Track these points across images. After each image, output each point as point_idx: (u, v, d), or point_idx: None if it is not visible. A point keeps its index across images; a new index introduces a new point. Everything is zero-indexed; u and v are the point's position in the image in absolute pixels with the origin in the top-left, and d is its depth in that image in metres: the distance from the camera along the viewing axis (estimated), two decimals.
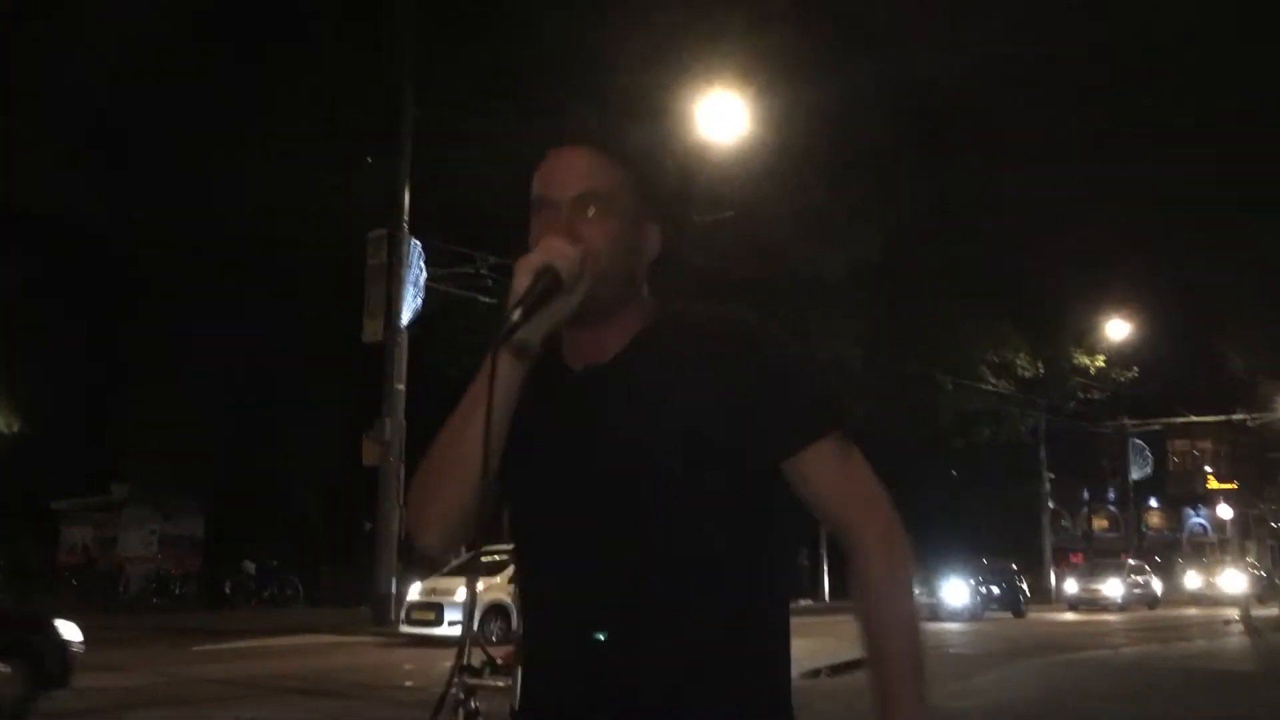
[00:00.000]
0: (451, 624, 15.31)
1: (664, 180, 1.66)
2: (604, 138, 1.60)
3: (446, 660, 1.71)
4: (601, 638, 1.45)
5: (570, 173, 1.57)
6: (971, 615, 25.58)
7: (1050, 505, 39.89)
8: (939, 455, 35.93)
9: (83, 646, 8.95)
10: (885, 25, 22.96)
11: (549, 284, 1.46)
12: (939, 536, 31.22)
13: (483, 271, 19.61)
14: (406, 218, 18.99)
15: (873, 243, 24.85)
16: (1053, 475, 39.05)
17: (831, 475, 1.52)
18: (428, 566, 16.79)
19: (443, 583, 16.07)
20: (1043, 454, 37.95)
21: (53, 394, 26.99)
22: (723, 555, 1.49)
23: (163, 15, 19.74)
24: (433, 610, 15.61)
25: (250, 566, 26.92)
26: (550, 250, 1.49)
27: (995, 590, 27.93)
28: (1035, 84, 24.38)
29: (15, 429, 29.32)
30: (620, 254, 1.55)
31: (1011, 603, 28.13)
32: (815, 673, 13.33)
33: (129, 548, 27.14)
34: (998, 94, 23.91)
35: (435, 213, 19.15)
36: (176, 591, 26.34)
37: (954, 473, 38.55)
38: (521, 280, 1.46)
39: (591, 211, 1.54)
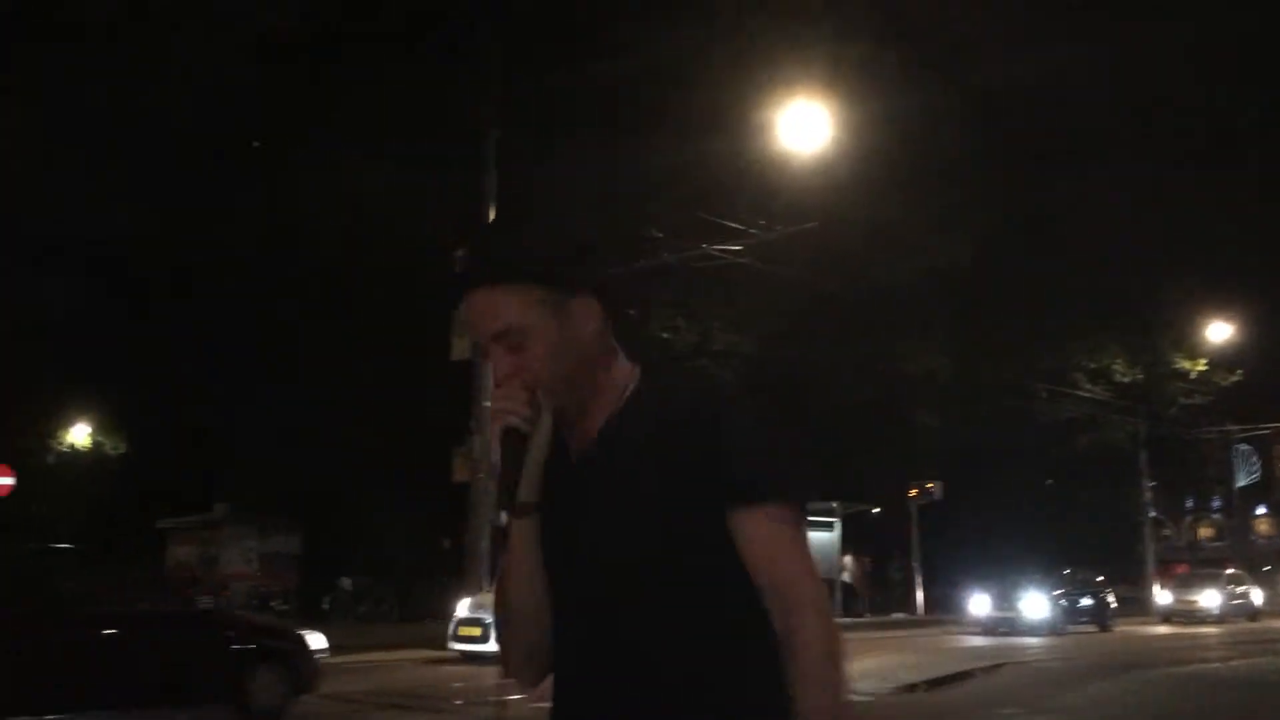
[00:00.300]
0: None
1: (569, 250, 1.67)
2: (491, 273, 1.62)
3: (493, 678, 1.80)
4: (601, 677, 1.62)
5: (480, 316, 1.63)
6: (1052, 629, 24.58)
7: (1151, 514, 38.78)
8: (1034, 465, 35.24)
9: (327, 654, 10.10)
10: (968, 34, 22.65)
11: (515, 443, 1.58)
12: (1030, 546, 30.61)
13: None
14: None
15: (958, 251, 24.50)
16: (1153, 483, 37.97)
17: (762, 543, 1.56)
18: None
19: (490, 599, 16.05)
20: (1143, 461, 36.92)
21: (157, 418, 27.86)
22: (707, 609, 1.59)
23: (242, 37, 20.29)
24: (479, 626, 15.46)
25: (347, 583, 27.42)
26: (500, 412, 1.60)
27: (1081, 602, 26.81)
28: (1122, 89, 23.84)
29: (121, 451, 30.31)
30: (560, 360, 1.61)
31: (1097, 615, 26.96)
32: (912, 687, 13.15)
33: (230, 565, 27.80)
34: (1085, 100, 23.40)
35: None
36: (276, 607, 26.92)
37: (1049, 482, 37.76)
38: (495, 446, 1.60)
39: (515, 344, 1.61)
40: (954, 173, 23.14)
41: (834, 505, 29.04)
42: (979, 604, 26.24)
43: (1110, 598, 27.67)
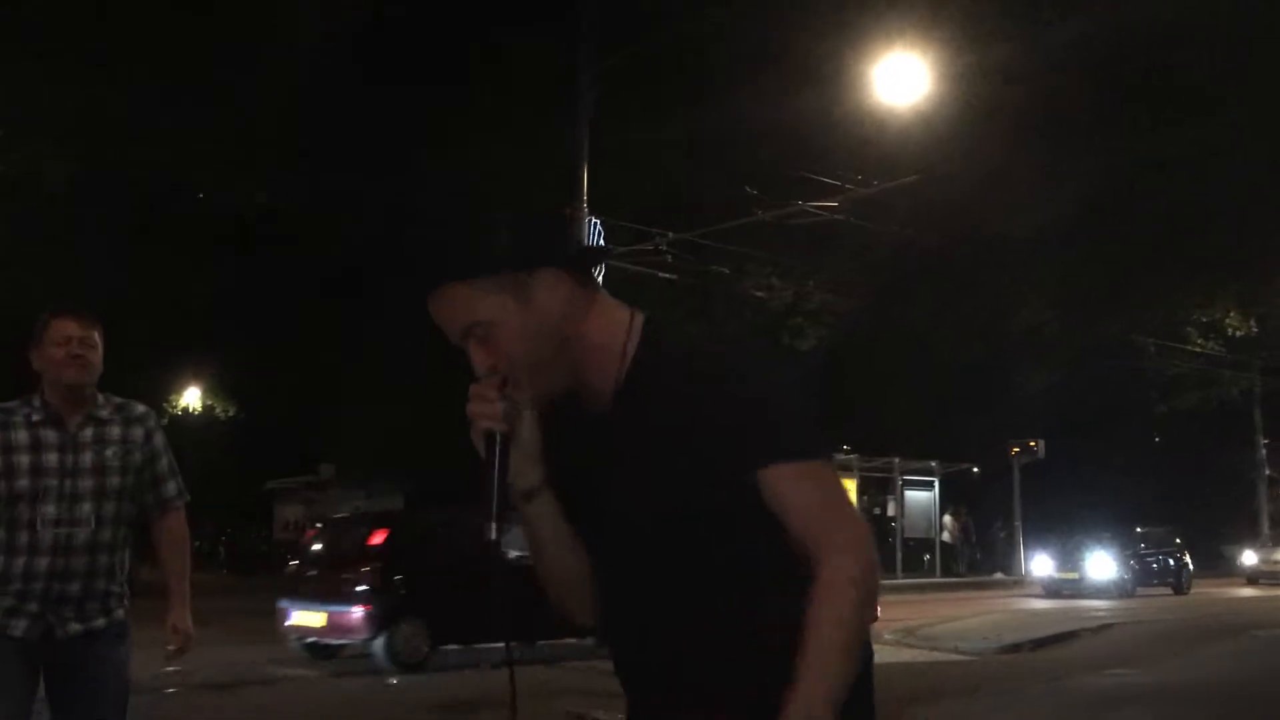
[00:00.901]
0: None
1: (518, 232, 1.66)
2: (443, 272, 1.62)
3: None
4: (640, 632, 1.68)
5: (445, 319, 1.64)
6: (1121, 591, 23.18)
7: (1267, 472, 37.50)
8: (1141, 423, 34.32)
9: None
10: None
11: (499, 445, 1.60)
12: (1136, 506, 29.82)
13: (662, 248, 19.71)
14: (585, 197, 19.25)
15: (1065, 204, 23.81)
16: (1267, 440, 36.67)
17: (793, 495, 1.56)
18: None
19: None
20: (1258, 417, 35.67)
21: (265, 382, 28.63)
22: (730, 562, 1.61)
23: (338, 12, 20.54)
24: None
25: None
26: (476, 418, 1.61)
27: (1154, 563, 25.03)
28: (1239, 33, 22.78)
29: (231, 414, 31.24)
30: (532, 341, 1.61)
31: (1172, 577, 25.14)
32: (1016, 647, 12.98)
33: None
34: (1200, 47, 22.41)
35: (614, 190, 19.33)
36: None
37: (1157, 440, 36.75)
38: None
39: (482, 336, 1.61)
40: (1062, 122, 22.42)
41: (933, 464, 28.70)
42: (1041, 564, 25.17)
43: (1187, 558, 25.77)
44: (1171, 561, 25.39)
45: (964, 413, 29.67)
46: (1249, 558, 28.91)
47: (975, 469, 30.66)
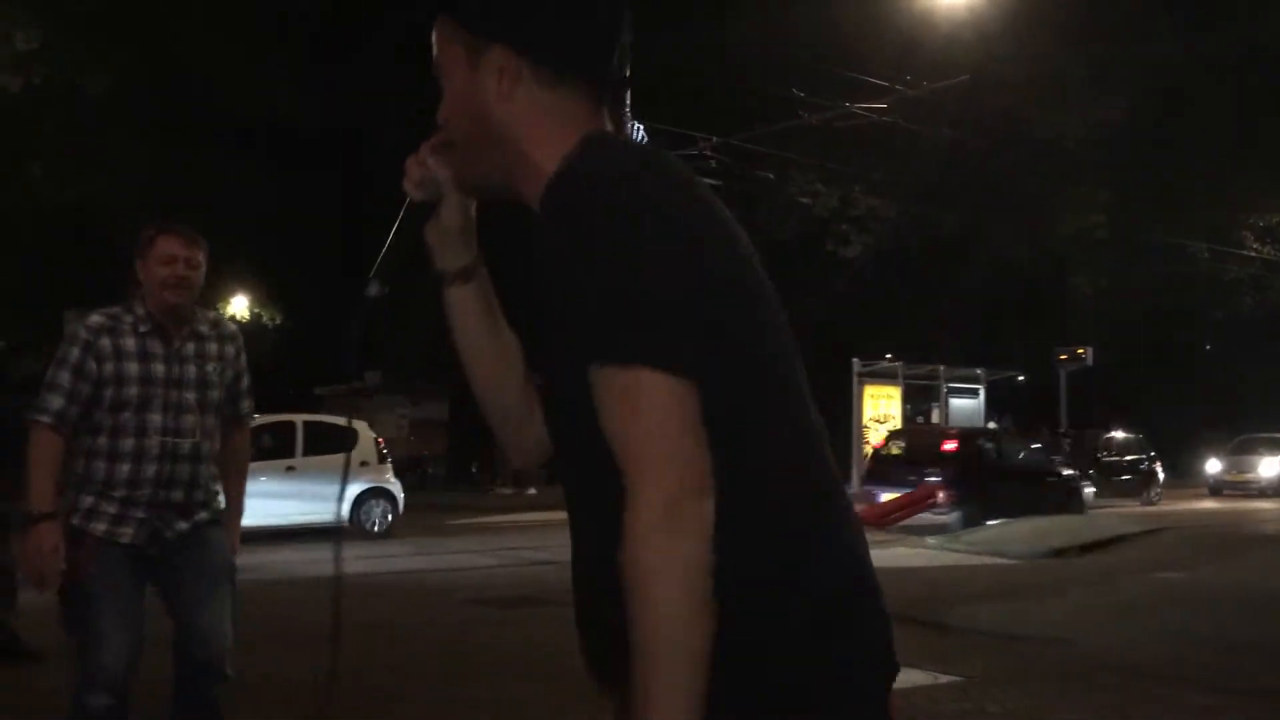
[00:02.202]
0: None
1: None
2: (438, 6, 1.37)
3: None
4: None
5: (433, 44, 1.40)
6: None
7: None
8: (1194, 329, 33.83)
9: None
10: None
11: (405, 211, 1.43)
12: (1188, 412, 29.51)
13: (705, 152, 19.47)
14: (628, 102, 18.98)
15: (1117, 105, 23.19)
16: None
17: (604, 415, 1.17)
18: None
19: None
20: None
21: (311, 290, 28.87)
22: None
23: None
24: None
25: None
26: (405, 177, 1.43)
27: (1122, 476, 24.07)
28: None
29: (279, 321, 31.56)
30: (460, 119, 1.36)
31: (1140, 488, 24.10)
32: (1061, 551, 13.00)
33: (382, 431, 28.94)
34: None
35: (656, 93, 19.06)
36: (429, 472, 28.03)
37: (1208, 347, 36.24)
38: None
39: (441, 84, 1.38)
40: (1115, 21, 21.72)
41: (978, 372, 28.50)
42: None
43: (1159, 468, 24.67)
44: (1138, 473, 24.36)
45: (1011, 320, 29.34)
46: (1213, 466, 27.06)
47: (1021, 377, 30.42)
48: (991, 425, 29.32)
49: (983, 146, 22.26)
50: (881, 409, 26.19)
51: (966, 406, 29.02)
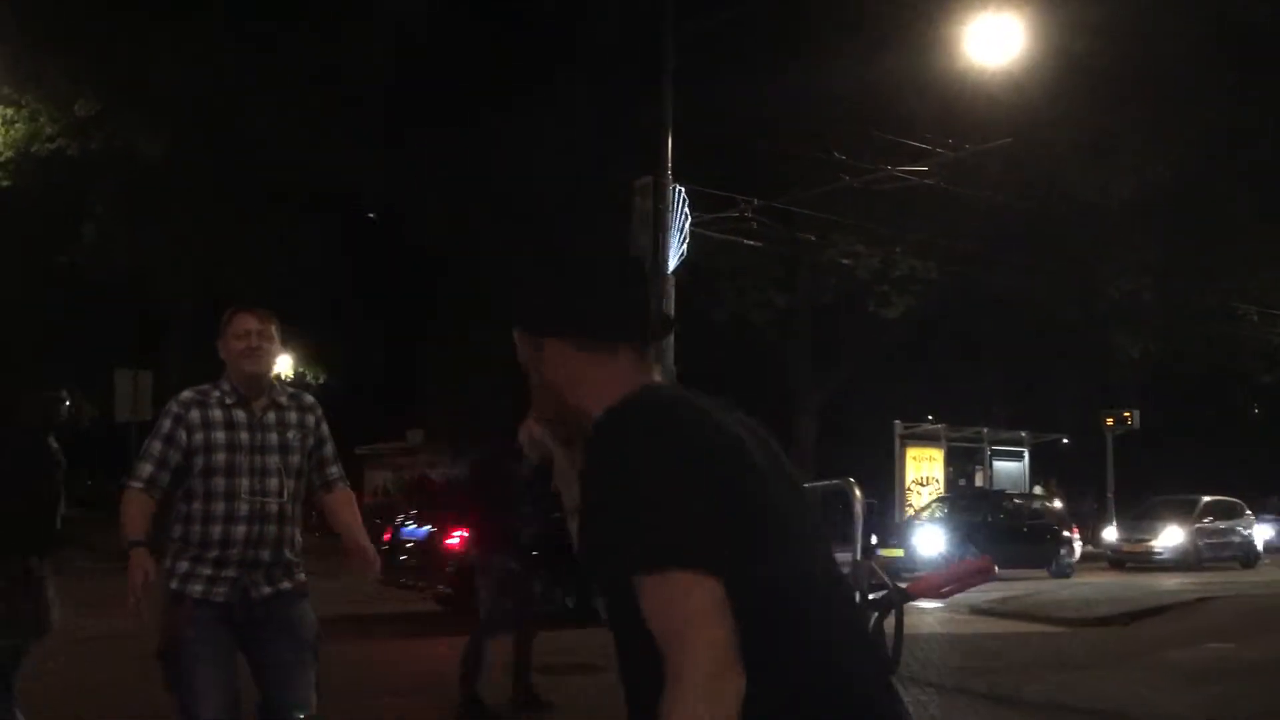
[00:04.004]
0: None
1: (531, 297, 1.80)
2: (501, 312, 1.87)
3: None
4: None
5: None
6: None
7: None
8: (1240, 393, 33.31)
9: None
10: None
11: (533, 476, 1.95)
12: (1232, 479, 28.93)
13: (746, 215, 19.54)
14: (670, 164, 19.15)
15: (1166, 165, 23.05)
16: None
17: (647, 612, 1.46)
18: None
19: None
20: None
21: (356, 350, 29.23)
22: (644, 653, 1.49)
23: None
24: None
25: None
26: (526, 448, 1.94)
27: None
28: None
29: (322, 381, 31.88)
30: (543, 400, 1.81)
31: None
32: (1106, 620, 12.74)
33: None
34: None
35: (697, 156, 19.23)
36: None
37: (1256, 410, 35.65)
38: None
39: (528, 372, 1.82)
40: (1161, 83, 21.66)
41: (1022, 434, 28.19)
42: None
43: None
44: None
45: (1056, 382, 29.06)
46: (1110, 534, 24.70)
47: (1065, 439, 30.05)
48: (1037, 490, 29.02)
49: (1026, 208, 22.19)
50: (924, 471, 25.93)
51: (1011, 469, 28.67)
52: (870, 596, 2.72)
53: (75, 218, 21.34)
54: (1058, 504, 22.99)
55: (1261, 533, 25.67)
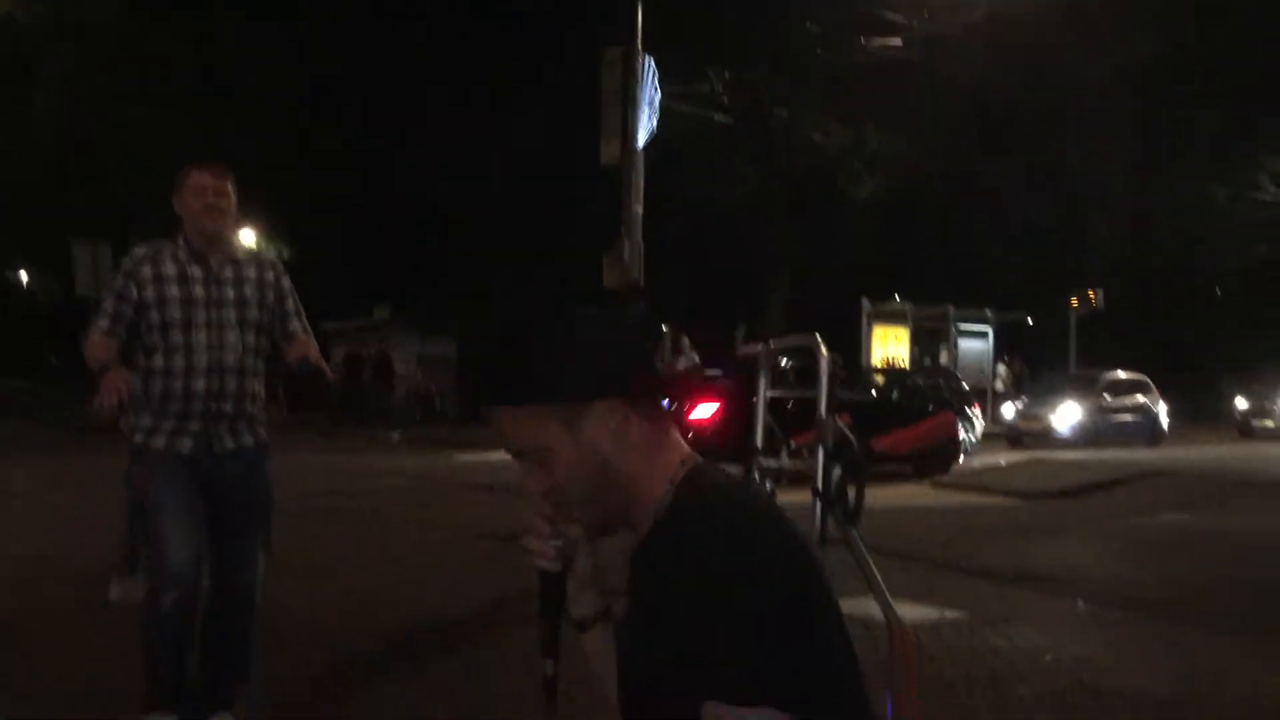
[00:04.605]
0: None
1: (573, 363, 1.51)
2: (501, 395, 1.53)
3: None
4: None
5: (504, 434, 1.54)
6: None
7: None
8: (1206, 274, 33.56)
9: None
10: None
11: (550, 585, 1.59)
12: (1200, 358, 29.35)
13: (718, 90, 19.22)
14: (640, 37, 18.68)
15: (1143, 44, 22.78)
16: None
17: None
18: None
19: None
20: None
21: (319, 225, 28.83)
22: None
23: None
24: None
25: None
26: (534, 554, 1.59)
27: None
28: None
29: (287, 256, 31.55)
30: (582, 476, 1.52)
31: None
32: (1065, 492, 13.03)
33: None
34: None
35: (669, 29, 18.76)
36: (437, 407, 28.13)
37: (1219, 292, 35.97)
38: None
39: (539, 458, 1.53)
40: None
41: (987, 313, 28.37)
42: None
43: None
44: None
45: (1023, 262, 29.15)
46: (1008, 411, 24.37)
47: (1030, 319, 30.27)
48: (1000, 366, 29.37)
49: (1000, 85, 21.95)
50: (890, 350, 26.14)
51: (975, 348, 28.95)
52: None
53: (24, 86, 20.72)
54: (965, 386, 22.18)
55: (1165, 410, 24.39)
